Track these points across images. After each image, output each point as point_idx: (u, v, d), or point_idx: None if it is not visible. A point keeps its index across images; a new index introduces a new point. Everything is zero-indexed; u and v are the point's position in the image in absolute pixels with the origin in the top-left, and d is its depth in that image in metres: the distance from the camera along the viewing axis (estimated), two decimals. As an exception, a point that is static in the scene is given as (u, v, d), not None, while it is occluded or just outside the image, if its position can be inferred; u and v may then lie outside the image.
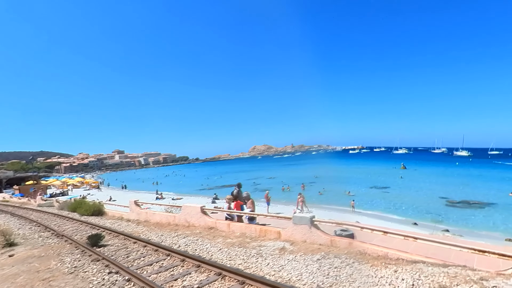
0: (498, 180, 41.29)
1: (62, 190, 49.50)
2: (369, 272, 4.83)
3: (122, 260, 6.66)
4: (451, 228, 18.61)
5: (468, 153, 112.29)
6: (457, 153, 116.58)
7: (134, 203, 13.70)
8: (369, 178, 47.11)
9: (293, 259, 5.84)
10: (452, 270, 4.72)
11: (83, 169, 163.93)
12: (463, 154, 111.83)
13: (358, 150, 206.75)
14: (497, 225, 19.51)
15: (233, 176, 69.88)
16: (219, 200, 30.69)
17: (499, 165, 67.66)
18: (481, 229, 18.80)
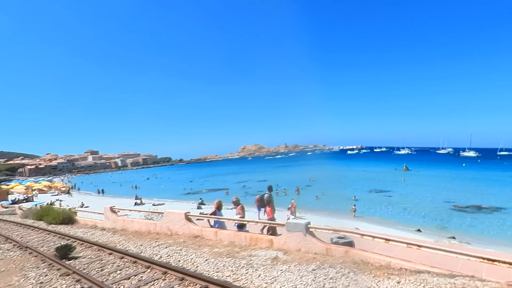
0: (508, 183, 42.36)
1: (26, 196, 48.49)
2: (371, 284, 4.88)
3: (95, 274, 6.55)
4: (457, 235, 19.02)
5: (476, 153, 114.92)
6: (464, 153, 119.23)
7: (110, 210, 13.52)
8: (368, 181, 47.74)
9: (287, 269, 5.85)
10: (459, 280, 4.81)
11: (51, 172, 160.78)
12: (471, 154, 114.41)
13: (357, 151, 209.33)
14: (507, 232, 20.03)
15: (221, 179, 69.90)
16: (205, 205, 30.63)
17: (509, 167, 69.38)
18: (490, 236, 19.28)
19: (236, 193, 36.61)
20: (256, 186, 49.19)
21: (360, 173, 62.41)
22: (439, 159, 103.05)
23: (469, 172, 59.33)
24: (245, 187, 50.62)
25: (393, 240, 6.56)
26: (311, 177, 54.09)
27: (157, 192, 51.13)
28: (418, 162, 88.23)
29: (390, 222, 22.47)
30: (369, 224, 20.99)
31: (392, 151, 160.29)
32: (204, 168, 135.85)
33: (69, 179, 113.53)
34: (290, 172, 74.11)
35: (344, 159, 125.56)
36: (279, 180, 53.87)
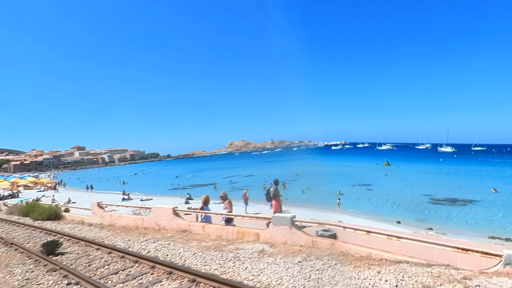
0: (482, 176, 43.89)
1: (11, 192, 47.16)
2: (352, 274, 4.98)
3: (83, 269, 6.45)
4: (434, 226, 19.59)
5: (453, 149, 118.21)
6: (442, 149, 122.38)
7: (97, 205, 13.29)
8: (352, 176, 48.47)
9: (273, 262, 5.90)
10: (436, 269, 4.96)
11: (36, 168, 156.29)
12: (448, 150, 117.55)
13: (341, 146, 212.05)
14: (480, 223, 20.76)
15: (209, 174, 69.63)
16: (193, 200, 30.49)
17: (482, 161, 71.81)
18: (464, 227, 19.92)
19: (223, 188, 36.64)
20: (243, 181, 49.28)
21: (344, 168, 63.21)
22: (418, 155, 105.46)
23: (446, 166, 61.08)
24: (232, 182, 50.57)
25: (374, 232, 6.70)
26: (296, 172, 54.52)
27: (145, 187, 50.48)
28: (399, 157, 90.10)
29: (372, 215, 22.91)
30: (352, 217, 21.34)
31: (374, 147, 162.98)
32: (191, 163, 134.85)
33: (55, 175, 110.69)
34: (277, 167, 74.43)
35: (329, 155, 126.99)
36: (266, 175, 54.04)
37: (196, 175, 71.19)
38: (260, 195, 32.17)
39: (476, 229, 19.09)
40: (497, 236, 17.33)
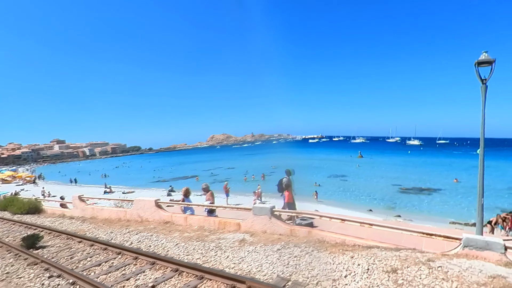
0: (445, 167, 45.98)
1: (-11, 186, 44.83)
2: (327, 259, 5.11)
3: (65, 262, 6.26)
4: (402, 213, 20.39)
5: (420, 142, 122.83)
6: (410, 142, 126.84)
7: (78, 199, 12.87)
8: (328, 167, 49.41)
9: (253, 250, 5.96)
10: (403, 253, 5.18)
11: (14, 162, 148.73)
12: (415, 143, 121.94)
13: (317, 139, 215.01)
14: (443, 209, 21.80)
15: (191, 167, 68.85)
16: (175, 192, 30.14)
17: (446, 154, 75.07)
18: (429, 213, 20.85)
19: (205, 180, 36.40)
20: (224, 174, 49.14)
21: (320, 160, 64.29)
22: (388, 147, 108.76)
23: (413, 158, 63.52)
24: (214, 174, 50.30)
25: (348, 220, 6.89)
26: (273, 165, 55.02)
27: (127, 180, 49.29)
28: (371, 149, 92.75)
29: (346, 204, 23.52)
30: (327, 206, 21.81)
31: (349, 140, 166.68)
32: (173, 156, 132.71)
33: (34, 168, 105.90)
34: (257, 160, 74.62)
35: (306, 148, 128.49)
36: (246, 167, 54.15)
37: (178, 168, 70.19)
38: (240, 187, 32.31)
39: (439, 215, 20.04)
40: (458, 221, 18.29)
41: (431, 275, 4.23)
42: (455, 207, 22.30)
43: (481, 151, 7.32)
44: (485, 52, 6.91)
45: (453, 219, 18.88)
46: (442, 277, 4.16)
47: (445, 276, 4.17)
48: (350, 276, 4.45)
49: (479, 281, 3.99)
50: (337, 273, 4.60)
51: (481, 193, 7.42)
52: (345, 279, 4.39)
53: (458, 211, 20.95)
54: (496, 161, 51.67)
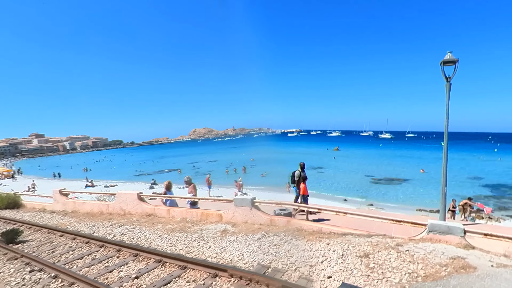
0: (413, 159, 47.83)
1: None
2: (305, 247, 5.23)
3: (46, 256, 6.05)
4: (374, 202, 21.08)
5: (391, 135, 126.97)
6: (382, 135, 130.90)
7: (59, 193, 12.40)
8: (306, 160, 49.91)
9: (235, 240, 5.99)
10: (375, 239, 5.38)
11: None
12: (387, 136, 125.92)
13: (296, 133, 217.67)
14: (411, 198, 22.70)
15: (173, 160, 67.80)
16: (157, 185, 29.64)
17: (414, 146, 78.04)
18: (398, 202, 21.65)
19: (187, 173, 35.97)
20: (206, 167, 48.73)
21: (299, 153, 65.06)
22: (362, 140, 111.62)
23: (385, 151, 65.62)
24: (196, 167, 49.78)
25: (324, 209, 7.06)
26: (252, 157, 55.25)
27: (109, 174, 47.88)
28: (346, 143, 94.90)
29: (323, 194, 24.01)
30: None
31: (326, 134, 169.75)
32: (156, 150, 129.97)
33: (12, 163, 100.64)
34: (238, 153, 74.44)
35: (286, 141, 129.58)
36: (228, 160, 53.98)
37: (160, 161, 68.86)
38: (222, 179, 32.19)
39: (407, 204, 20.86)
40: (423, 208, 19.14)
41: (399, 259, 4.42)
42: (422, 195, 23.29)
43: (445, 144, 7.67)
44: (450, 52, 7.19)
45: (420, 206, 19.74)
46: (409, 260, 4.37)
47: (412, 259, 4.38)
48: (326, 261, 4.58)
49: (442, 262, 4.22)
50: (314, 259, 4.72)
51: (444, 183, 7.80)
52: (322, 264, 4.52)
53: (424, 199, 21.89)
54: (459, 153, 54.29)
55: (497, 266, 4.09)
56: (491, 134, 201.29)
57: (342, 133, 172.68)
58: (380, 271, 4.14)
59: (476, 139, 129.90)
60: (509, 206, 20.52)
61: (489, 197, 23.00)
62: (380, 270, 4.16)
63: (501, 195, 23.69)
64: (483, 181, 28.95)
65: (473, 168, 36.64)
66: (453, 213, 13.72)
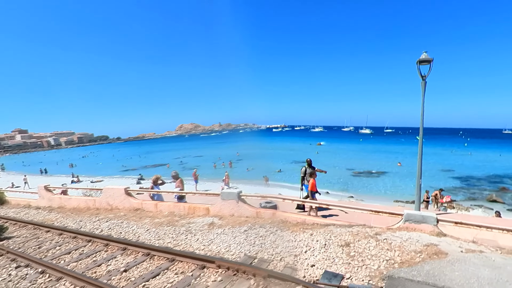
0: (391, 153, 49.05)
1: None
2: (290, 237, 5.31)
3: (32, 251, 5.87)
4: (355, 194, 21.56)
5: (370, 131, 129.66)
6: (362, 131, 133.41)
7: (44, 189, 12.01)
8: (290, 154, 50.47)
9: (222, 232, 6.01)
10: (355, 229, 5.53)
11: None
12: (366, 132, 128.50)
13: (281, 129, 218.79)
14: (388, 190, 23.35)
15: (160, 155, 66.80)
16: (144, 180, 29.18)
17: (392, 141, 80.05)
18: (377, 193, 22.24)
19: (174, 168, 35.55)
20: (193, 161, 48.31)
21: (283, 148, 65.46)
22: (343, 136, 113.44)
23: (365, 145, 67.03)
24: (183, 162, 49.25)
25: (308, 202, 7.16)
26: (237, 152, 55.24)
27: (95, 169, 46.63)
28: (329, 138, 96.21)
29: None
30: (290, 190, 22.40)
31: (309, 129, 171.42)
32: (142, 145, 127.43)
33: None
34: (224, 148, 74.12)
35: (271, 136, 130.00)
36: (214, 155, 53.68)
37: (147, 156, 67.62)
38: (209, 173, 32.03)
39: (386, 195, 21.47)
40: (400, 199, 19.76)
41: (378, 247, 4.57)
42: (399, 187, 24.00)
43: (420, 139, 7.92)
44: (425, 52, 7.40)
45: (397, 198, 20.36)
46: (387, 247, 4.52)
47: (389, 247, 4.53)
48: (310, 251, 4.68)
49: (416, 249, 4.39)
50: (298, 249, 4.80)
51: (419, 175, 8.07)
52: (305, 254, 4.60)
53: (401, 191, 22.58)
54: (434, 147, 56.13)
55: (466, 251, 4.30)
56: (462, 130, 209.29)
57: (324, 128, 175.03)
58: (360, 259, 4.27)
59: (449, 134, 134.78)
60: (478, 196, 21.48)
61: (459, 189, 23.98)
62: (360, 258, 4.28)
63: (471, 186, 24.76)
64: (455, 174, 30.13)
65: (446, 162, 38.05)
66: (427, 204, 14.23)
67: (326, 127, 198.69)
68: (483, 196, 21.27)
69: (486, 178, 28.17)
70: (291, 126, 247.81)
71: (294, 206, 8.25)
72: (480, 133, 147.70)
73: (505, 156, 44.44)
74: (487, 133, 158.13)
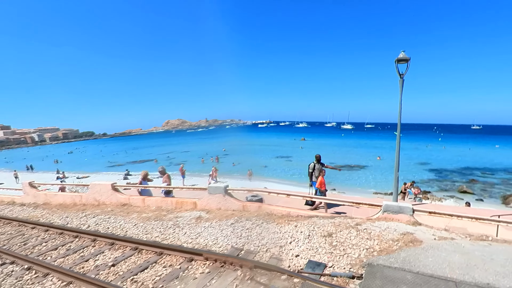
0: (371, 147, 50.22)
1: None
2: (275, 229, 5.36)
3: (18, 248, 5.68)
4: (337, 187, 21.97)
5: (352, 126, 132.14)
6: (344, 126, 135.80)
7: (29, 185, 11.57)
8: (275, 150, 50.76)
9: (209, 226, 6.00)
10: (337, 220, 5.65)
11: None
12: (348, 127, 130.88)
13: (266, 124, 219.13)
14: (368, 182, 23.93)
15: (146, 151, 65.58)
16: (131, 176, 28.63)
17: (372, 136, 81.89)
18: (358, 186, 22.76)
19: (161, 163, 35.00)
20: (180, 157, 47.75)
21: (269, 143, 65.70)
22: (326, 131, 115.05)
23: (346, 140, 68.27)
24: (170, 158, 48.60)
25: (292, 195, 7.24)
26: (224, 147, 55.05)
27: (81, 165, 45.27)
28: (312, 133, 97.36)
29: (291, 181, 24.59)
30: (275, 183, 22.59)
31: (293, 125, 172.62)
32: (129, 141, 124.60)
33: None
34: (211, 144, 73.56)
35: (256, 132, 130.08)
36: (201, 150, 53.23)
37: (134, 152, 66.22)
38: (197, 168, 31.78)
39: (366, 187, 22.01)
40: (379, 191, 20.32)
41: (358, 236, 4.69)
42: (378, 180, 24.65)
43: (398, 134, 8.13)
44: (403, 52, 7.57)
45: (376, 190, 20.92)
46: (366, 237, 4.64)
47: (369, 236, 4.66)
48: (294, 242, 4.75)
49: (394, 238, 4.54)
50: (283, 240, 4.86)
51: (397, 168, 8.31)
52: (290, 245, 4.67)
53: (380, 183, 23.20)
54: (410, 142, 57.82)
55: (439, 239, 4.48)
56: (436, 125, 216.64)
57: (308, 124, 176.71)
58: (342, 248, 4.37)
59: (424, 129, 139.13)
60: (450, 187, 22.38)
61: (433, 180, 24.89)
62: (342, 247, 4.39)
63: (444, 178, 25.74)
64: (430, 166, 31.22)
65: (422, 155, 39.32)
66: (404, 195, 14.70)
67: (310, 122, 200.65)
68: (455, 187, 22.18)
69: (457, 170, 29.36)
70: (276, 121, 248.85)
71: (279, 199, 8.32)
72: (452, 129, 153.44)
73: (474, 150, 46.48)
74: (457, 128, 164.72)
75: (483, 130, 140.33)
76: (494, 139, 75.05)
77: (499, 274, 3.42)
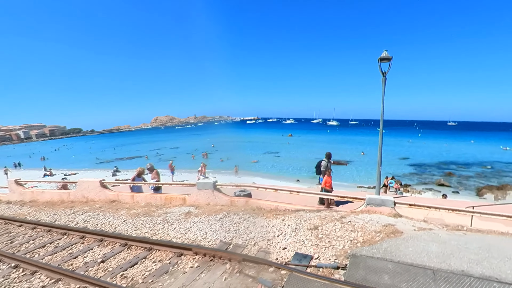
0: (355, 143, 51.11)
1: None
2: (263, 223, 5.39)
3: (4, 247, 5.48)
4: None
5: (337, 123, 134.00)
6: (329, 123, 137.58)
7: (15, 183, 11.18)
8: (263, 145, 50.88)
9: (198, 221, 5.97)
10: (323, 213, 5.73)
11: None
12: (334, 124, 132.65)
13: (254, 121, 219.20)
14: (353, 177, 24.36)
15: (135, 147, 64.41)
16: (120, 172, 28.11)
17: (356, 132, 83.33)
18: (343, 180, 23.09)
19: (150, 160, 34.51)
20: (169, 153, 47.15)
21: (257, 139, 65.78)
22: (312, 127, 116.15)
23: (332, 136, 69.26)
24: (159, 154, 47.92)
25: (280, 189, 7.29)
26: (212, 143, 54.79)
27: (68, 163, 44.00)
28: (299, 129, 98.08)
29: (278, 176, 24.75)
30: (263, 178, 22.66)
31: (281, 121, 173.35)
32: (117, 138, 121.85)
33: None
34: (199, 140, 72.95)
35: (244, 128, 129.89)
36: (191, 146, 52.73)
37: (122, 149, 64.87)
38: (186, 164, 31.48)
39: (350, 182, 22.40)
40: (363, 185, 20.72)
41: (343, 229, 4.78)
42: (362, 174, 25.14)
43: (381, 130, 8.29)
44: (386, 51, 7.69)
45: (360, 184, 21.33)
46: (351, 229, 4.74)
47: (353, 228, 4.75)
48: (282, 235, 4.79)
49: (376, 229, 4.65)
50: (271, 233, 4.89)
51: (380, 163, 8.48)
52: (278, 238, 4.71)
53: (363, 177, 23.67)
54: (393, 138, 59.17)
55: (418, 229, 4.62)
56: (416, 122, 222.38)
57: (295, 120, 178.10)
58: (327, 240, 4.45)
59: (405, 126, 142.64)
60: (428, 180, 23.07)
61: (414, 174, 25.59)
62: (327, 240, 4.46)
63: (423, 172, 26.51)
64: (410, 161, 32.06)
65: (403, 150, 40.33)
66: (386, 188, 15.06)
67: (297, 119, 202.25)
68: (433, 180, 22.89)
69: (435, 164, 30.29)
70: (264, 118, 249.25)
71: (267, 194, 8.35)
72: (430, 125, 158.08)
73: (450, 145, 48.05)
74: (435, 124, 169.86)
75: (458, 126, 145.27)
76: (470, 135, 77.84)
77: (473, 261, 3.56)
